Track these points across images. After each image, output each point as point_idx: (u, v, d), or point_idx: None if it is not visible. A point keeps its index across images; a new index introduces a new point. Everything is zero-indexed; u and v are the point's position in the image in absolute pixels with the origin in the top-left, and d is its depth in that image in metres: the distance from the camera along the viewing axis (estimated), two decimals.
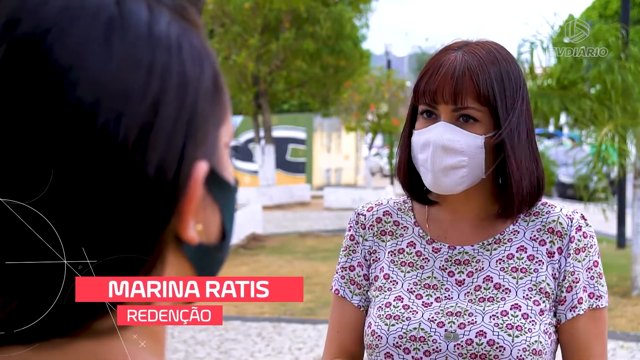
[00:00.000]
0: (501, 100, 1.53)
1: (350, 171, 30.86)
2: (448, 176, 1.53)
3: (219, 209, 0.62)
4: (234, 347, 6.79)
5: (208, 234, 0.61)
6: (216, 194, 0.61)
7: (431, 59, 1.59)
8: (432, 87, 1.54)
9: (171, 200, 0.57)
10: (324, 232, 14.28)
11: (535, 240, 1.60)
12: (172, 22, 0.59)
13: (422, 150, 1.56)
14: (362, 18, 19.94)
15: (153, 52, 0.57)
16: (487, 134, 1.54)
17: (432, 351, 1.54)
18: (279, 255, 11.74)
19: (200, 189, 0.59)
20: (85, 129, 0.54)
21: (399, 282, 1.63)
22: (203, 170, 0.58)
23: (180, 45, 0.59)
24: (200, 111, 0.59)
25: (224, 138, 0.63)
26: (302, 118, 27.09)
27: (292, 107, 28.97)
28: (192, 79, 0.59)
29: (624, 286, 8.79)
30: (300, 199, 20.93)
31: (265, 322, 7.64)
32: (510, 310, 1.54)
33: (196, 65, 0.60)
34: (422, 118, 1.58)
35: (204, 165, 0.59)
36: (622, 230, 11.52)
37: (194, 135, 0.58)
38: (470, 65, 1.53)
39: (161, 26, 0.58)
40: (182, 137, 0.57)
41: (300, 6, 17.27)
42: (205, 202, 0.60)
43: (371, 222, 1.69)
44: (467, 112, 1.53)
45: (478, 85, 1.52)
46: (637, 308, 7.98)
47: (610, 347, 6.56)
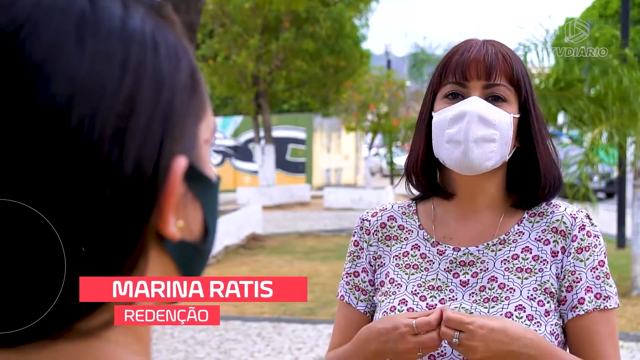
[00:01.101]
0: (527, 85, 1.58)
1: (350, 171, 30.86)
2: (480, 147, 1.52)
3: (201, 205, 0.61)
4: (234, 347, 6.79)
5: (190, 230, 0.61)
6: (197, 190, 0.61)
7: (456, 45, 1.60)
8: (467, 61, 1.55)
9: (150, 196, 0.56)
10: (324, 232, 14.28)
11: (540, 240, 1.59)
12: (146, 18, 0.59)
13: (454, 122, 1.54)
14: (362, 18, 19.94)
15: (127, 47, 0.56)
16: (515, 114, 1.57)
17: (436, 355, 1.52)
18: (279, 255, 11.73)
19: (179, 185, 0.58)
20: (59, 125, 0.53)
21: (403, 285, 1.62)
22: (182, 165, 0.58)
23: (155, 41, 0.58)
24: (177, 107, 0.58)
25: (203, 134, 0.62)
26: (302, 118, 27.09)
27: (292, 107, 28.96)
28: (168, 75, 0.58)
29: (624, 286, 8.78)
30: (300, 199, 20.92)
31: (265, 322, 7.64)
32: (515, 312, 1.53)
33: (172, 60, 0.59)
34: (444, 100, 1.58)
35: (183, 160, 0.58)
36: (622, 230, 11.52)
37: (171, 131, 0.58)
38: (501, 50, 1.58)
39: (135, 22, 0.58)
40: (159, 133, 0.57)
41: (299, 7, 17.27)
42: (186, 198, 0.60)
43: (376, 227, 1.69)
44: (498, 90, 1.55)
45: (511, 65, 1.56)
46: (637, 308, 7.98)
47: None
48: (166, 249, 0.59)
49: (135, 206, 0.56)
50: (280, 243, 13.09)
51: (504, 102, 1.56)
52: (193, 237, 0.61)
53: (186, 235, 0.60)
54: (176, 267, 0.61)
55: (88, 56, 0.54)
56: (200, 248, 0.62)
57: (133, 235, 0.56)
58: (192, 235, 0.61)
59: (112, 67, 0.55)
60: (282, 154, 25.98)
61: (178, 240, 0.59)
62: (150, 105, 0.56)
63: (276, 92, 20.59)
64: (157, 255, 0.59)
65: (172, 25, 0.62)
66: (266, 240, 13.35)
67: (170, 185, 0.57)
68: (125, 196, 0.55)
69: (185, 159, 0.59)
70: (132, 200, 0.55)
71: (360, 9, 19.45)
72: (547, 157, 1.59)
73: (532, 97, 1.59)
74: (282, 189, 20.71)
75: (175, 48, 0.60)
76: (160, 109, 0.57)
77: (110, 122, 0.54)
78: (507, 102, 1.56)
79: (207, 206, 0.62)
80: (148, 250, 0.58)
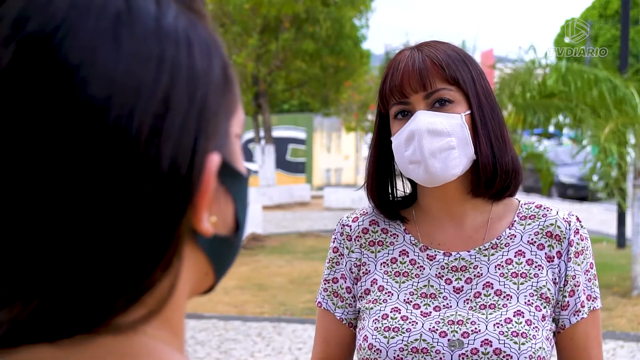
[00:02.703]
0: (466, 77, 1.53)
1: (350, 171, 30.84)
2: (440, 159, 1.49)
3: (232, 199, 0.62)
4: (234, 347, 6.79)
5: (223, 224, 0.62)
6: (229, 185, 0.62)
7: (387, 64, 1.58)
8: (397, 82, 1.53)
9: (185, 193, 0.57)
10: (324, 232, 14.28)
11: (533, 244, 1.58)
12: (179, 14, 0.59)
13: (408, 145, 1.52)
14: (362, 18, 19.94)
15: (162, 46, 0.57)
16: (465, 112, 1.53)
17: None
18: (279, 255, 11.73)
19: (213, 182, 0.59)
20: (97, 125, 0.54)
21: (394, 293, 1.57)
22: (215, 162, 0.59)
23: (188, 38, 0.59)
24: (211, 104, 0.59)
25: (234, 129, 0.63)
26: (302, 118, 27.08)
27: (292, 107, 28.96)
28: (202, 72, 0.59)
29: (624, 286, 8.79)
30: (300, 199, 20.91)
31: (265, 322, 7.63)
32: (514, 317, 1.51)
33: (205, 57, 0.60)
34: (396, 122, 1.55)
35: (217, 157, 0.59)
36: (622, 230, 11.52)
37: (205, 129, 0.58)
38: (428, 54, 1.54)
39: (169, 19, 0.58)
40: (194, 130, 0.57)
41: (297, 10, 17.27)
42: (218, 193, 0.61)
43: (357, 233, 1.64)
44: (439, 94, 1.52)
45: (442, 66, 1.52)
46: (637, 308, 7.98)
47: (610, 347, 6.56)
48: (199, 243, 0.60)
49: (170, 203, 0.56)
50: (281, 243, 13.09)
51: (450, 103, 1.52)
52: (225, 231, 0.62)
53: (219, 230, 0.61)
54: (208, 260, 0.62)
55: (124, 56, 0.55)
56: (231, 241, 0.64)
57: (169, 231, 0.57)
58: (224, 229, 0.62)
59: (148, 66, 0.56)
60: (282, 154, 25.97)
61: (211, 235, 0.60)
62: (185, 104, 0.57)
63: (276, 92, 20.59)
64: (190, 250, 0.60)
65: (204, 19, 0.62)
66: (266, 240, 13.34)
67: (205, 182, 0.58)
68: (162, 194, 0.56)
69: (219, 155, 0.59)
70: (168, 198, 0.56)
71: (360, 9, 19.44)
72: (497, 148, 1.53)
73: (477, 87, 1.54)
74: (282, 189, 20.70)
75: (207, 45, 0.60)
76: (195, 107, 0.58)
77: (146, 121, 0.55)
78: (454, 102, 1.52)
79: (238, 200, 0.63)
80: (183, 246, 0.59)
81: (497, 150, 1.53)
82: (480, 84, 1.55)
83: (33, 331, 0.56)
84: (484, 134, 1.52)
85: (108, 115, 0.54)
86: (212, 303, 8.46)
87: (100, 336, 0.57)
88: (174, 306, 0.61)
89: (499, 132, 1.55)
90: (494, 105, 1.56)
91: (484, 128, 1.53)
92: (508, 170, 1.54)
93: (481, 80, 1.56)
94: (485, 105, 1.54)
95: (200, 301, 8.47)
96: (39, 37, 0.54)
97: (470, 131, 1.52)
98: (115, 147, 0.54)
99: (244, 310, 8.17)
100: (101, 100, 0.54)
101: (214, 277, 0.65)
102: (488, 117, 1.54)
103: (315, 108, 22.25)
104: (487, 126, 1.53)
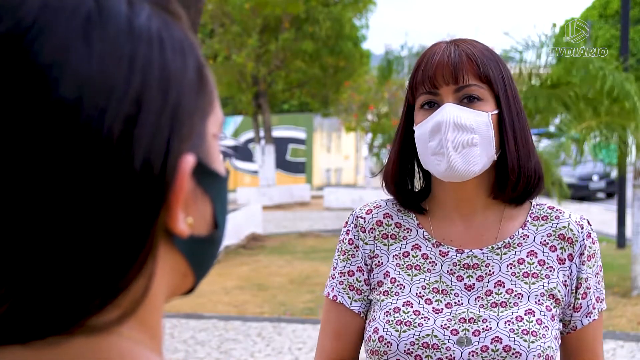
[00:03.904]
0: (498, 78, 1.54)
1: (350, 171, 30.85)
2: (462, 154, 1.50)
3: (210, 200, 0.62)
4: (234, 347, 6.79)
5: (201, 225, 0.61)
6: (206, 185, 0.61)
7: (422, 54, 1.58)
8: (431, 72, 1.53)
9: (158, 194, 0.57)
10: (324, 232, 14.27)
11: (546, 245, 1.59)
12: (152, 15, 0.59)
13: (433, 135, 1.52)
14: (362, 18, 19.94)
15: (134, 46, 0.56)
16: (492, 111, 1.54)
17: (445, 359, 1.50)
18: (279, 255, 11.73)
19: (188, 182, 0.58)
20: (69, 125, 0.53)
21: (407, 286, 1.58)
22: (190, 163, 0.58)
23: (161, 38, 0.58)
24: (185, 105, 0.59)
25: (211, 129, 0.62)
26: (302, 118, 27.09)
27: (292, 107, 28.96)
28: (175, 72, 0.58)
29: (624, 286, 8.79)
30: (300, 199, 20.92)
31: (265, 322, 7.63)
32: (525, 316, 1.52)
33: (179, 57, 0.59)
34: (422, 111, 1.56)
35: (191, 158, 0.58)
36: (622, 230, 11.52)
37: (179, 129, 0.58)
38: (465, 49, 1.55)
39: (141, 20, 0.58)
40: (167, 130, 0.57)
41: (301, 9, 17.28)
42: (195, 194, 0.60)
43: (371, 225, 1.64)
44: (470, 90, 1.53)
45: (477, 63, 1.53)
46: (637, 308, 7.98)
47: (610, 347, 6.56)
48: (175, 244, 0.60)
49: (144, 204, 0.56)
50: (280, 243, 13.09)
51: (479, 101, 1.53)
52: (203, 232, 0.62)
53: (196, 231, 0.61)
54: (186, 261, 0.62)
55: (95, 56, 0.55)
56: (210, 242, 0.63)
57: (142, 232, 0.56)
58: (202, 230, 0.62)
59: (120, 66, 0.55)
60: (282, 154, 25.99)
61: (188, 236, 0.60)
62: (157, 104, 0.57)
63: (276, 92, 20.59)
64: (166, 251, 0.60)
65: (179, 20, 0.62)
66: (266, 240, 13.35)
67: (179, 183, 0.58)
68: (134, 194, 0.55)
69: (194, 156, 0.59)
70: (141, 199, 0.56)
71: (360, 9, 19.45)
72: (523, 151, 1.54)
73: (507, 90, 1.55)
74: (282, 189, 20.71)
75: (182, 45, 0.60)
76: (168, 107, 0.57)
77: (118, 121, 0.54)
78: (483, 100, 1.53)
79: (217, 200, 0.63)
80: (157, 247, 0.58)
81: (522, 153, 1.55)
82: (510, 87, 1.57)
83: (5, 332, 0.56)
84: (511, 136, 1.54)
85: (79, 116, 0.53)
86: (212, 303, 8.47)
87: (73, 337, 0.57)
88: (149, 307, 0.60)
89: (525, 136, 1.56)
90: (520, 109, 1.57)
91: (511, 130, 1.54)
92: (531, 175, 1.56)
93: (511, 83, 1.57)
94: (514, 108, 1.56)
95: (200, 301, 8.48)
96: (11, 37, 0.54)
97: (494, 132, 1.53)
98: (86, 147, 0.54)
99: (244, 310, 8.17)
100: (72, 100, 0.53)
101: (193, 277, 0.64)
102: (515, 120, 1.55)
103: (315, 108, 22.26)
104: (514, 128, 1.55)
